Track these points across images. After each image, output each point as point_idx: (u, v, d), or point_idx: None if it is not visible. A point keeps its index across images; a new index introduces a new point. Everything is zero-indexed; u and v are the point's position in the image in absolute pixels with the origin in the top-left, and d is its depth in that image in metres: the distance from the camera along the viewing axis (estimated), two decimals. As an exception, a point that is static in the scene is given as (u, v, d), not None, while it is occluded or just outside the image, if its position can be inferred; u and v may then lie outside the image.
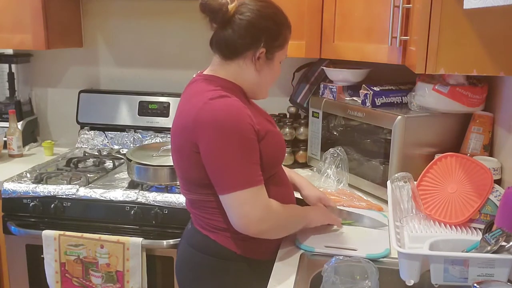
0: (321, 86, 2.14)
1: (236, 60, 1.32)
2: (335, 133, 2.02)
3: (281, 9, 1.35)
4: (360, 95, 1.89)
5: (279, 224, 1.32)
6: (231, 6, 1.27)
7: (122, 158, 2.31)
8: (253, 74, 1.33)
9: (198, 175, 1.28)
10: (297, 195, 1.56)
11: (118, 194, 1.92)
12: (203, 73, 1.38)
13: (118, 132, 2.53)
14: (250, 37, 1.28)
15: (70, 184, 2.00)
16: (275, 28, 1.31)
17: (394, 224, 1.30)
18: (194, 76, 1.40)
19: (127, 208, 1.90)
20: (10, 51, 2.57)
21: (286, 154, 2.11)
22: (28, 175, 2.11)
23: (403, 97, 1.85)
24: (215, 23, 1.30)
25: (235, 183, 1.21)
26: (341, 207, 1.64)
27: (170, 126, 2.39)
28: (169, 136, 2.45)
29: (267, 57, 1.32)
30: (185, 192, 1.40)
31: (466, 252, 1.14)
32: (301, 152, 2.25)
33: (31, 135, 2.59)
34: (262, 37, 1.29)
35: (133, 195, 1.91)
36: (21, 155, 2.41)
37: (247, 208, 1.22)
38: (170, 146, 2.05)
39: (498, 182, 1.56)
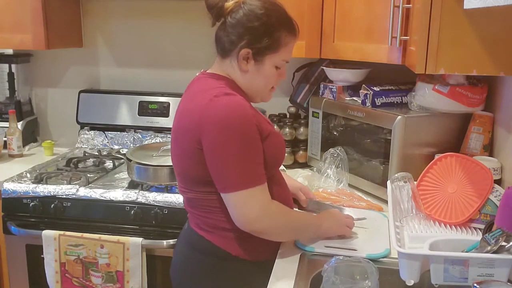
0: (321, 86, 2.14)
1: (228, 58, 1.33)
2: (335, 133, 2.02)
3: (282, 11, 1.33)
4: (360, 95, 1.89)
5: (280, 224, 1.31)
6: (228, 4, 1.29)
7: (122, 158, 2.31)
8: (240, 75, 1.33)
9: (200, 172, 1.28)
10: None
11: (118, 194, 1.92)
12: (207, 71, 1.38)
13: (118, 132, 2.53)
14: (235, 35, 1.28)
15: (70, 184, 2.00)
16: (261, 29, 1.28)
17: (394, 224, 1.30)
18: (197, 74, 1.40)
19: (127, 208, 1.90)
20: (10, 51, 2.57)
21: (286, 154, 2.12)
22: (28, 175, 2.11)
23: (403, 97, 1.85)
24: (214, 20, 1.32)
25: (237, 182, 1.21)
26: (319, 200, 1.65)
27: (170, 126, 2.40)
28: (169, 136, 2.45)
29: (255, 59, 1.30)
30: (183, 191, 1.39)
31: (466, 252, 1.14)
32: (301, 152, 2.25)
33: (31, 135, 2.59)
34: (244, 36, 1.28)
35: (133, 195, 1.91)
36: (21, 155, 2.41)
37: (249, 207, 1.23)
38: (170, 145, 2.05)
39: (498, 182, 1.56)
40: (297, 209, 1.56)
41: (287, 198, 1.43)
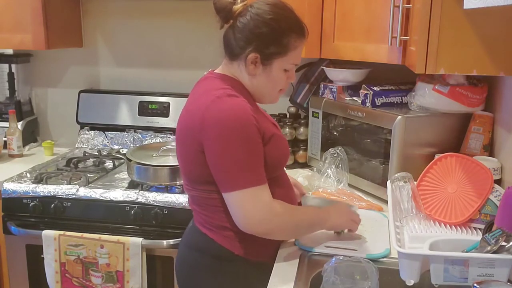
0: (321, 86, 2.14)
1: (236, 61, 1.33)
2: (335, 133, 2.02)
3: (292, 15, 1.32)
4: (360, 95, 1.89)
5: (286, 225, 1.31)
6: (236, 7, 1.29)
7: (122, 158, 2.31)
8: (247, 79, 1.34)
9: (202, 172, 1.29)
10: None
11: (118, 194, 1.92)
12: (214, 71, 1.39)
13: (118, 132, 2.53)
14: (243, 40, 1.29)
15: (70, 184, 2.00)
16: (270, 35, 1.28)
17: (394, 224, 1.30)
18: (205, 73, 1.41)
19: (127, 208, 1.90)
20: (10, 51, 2.57)
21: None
22: (28, 175, 2.11)
23: (403, 97, 1.85)
24: (223, 22, 1.32)
25: (237, 181, 1.22)
26: (315, 197, 1.67)
27: (170, 126, 2.43)
28: (169, 136, 2.46)
29: (263, 63, 1.31)
30: (187, 188, 1.40)
31: (466, 252, 1.14)
32: (301, 152, 2.25)
33: (31, 135, 2.59)
34: (253, 42, 1.28)
35: (133, 195, 1.91)
36: (21, 155, 2.41)
37: (249, 208, 1.23)
38: (170, 146, 2.06)
39: (498, 182, 1.56)
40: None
41: (291, 201, 1.42)
